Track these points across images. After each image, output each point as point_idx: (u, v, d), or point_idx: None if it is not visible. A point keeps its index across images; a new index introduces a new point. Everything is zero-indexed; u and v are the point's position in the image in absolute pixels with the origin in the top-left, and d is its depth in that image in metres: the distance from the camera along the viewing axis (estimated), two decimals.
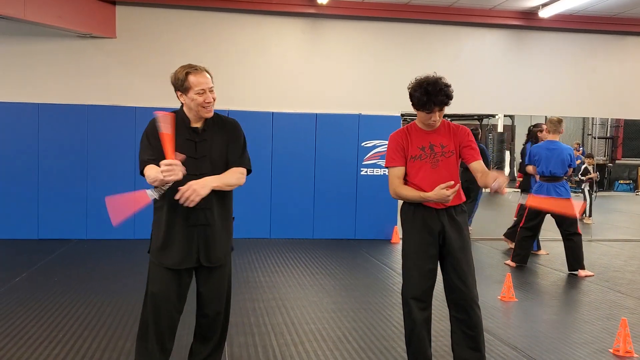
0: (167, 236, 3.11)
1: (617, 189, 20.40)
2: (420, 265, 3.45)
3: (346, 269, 6.83)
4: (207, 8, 8.62)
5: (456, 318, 3.49)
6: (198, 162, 3.12)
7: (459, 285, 3.44)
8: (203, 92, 3.08)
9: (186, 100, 3.12)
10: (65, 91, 8.37)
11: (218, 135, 3.22)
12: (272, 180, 8.79)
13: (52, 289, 5.63)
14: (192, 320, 3.38)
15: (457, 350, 3.51)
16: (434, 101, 3.35)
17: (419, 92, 3.37)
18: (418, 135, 3.52)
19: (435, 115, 3.41)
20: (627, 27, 9.47)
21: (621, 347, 4.17)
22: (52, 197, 8.26)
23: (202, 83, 3.09)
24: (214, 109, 3.22)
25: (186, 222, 3.10)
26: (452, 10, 8.91)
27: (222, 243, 3.23)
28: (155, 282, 3.14)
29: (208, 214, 3.14)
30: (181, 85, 3.09)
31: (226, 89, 8.62)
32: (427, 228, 3.45)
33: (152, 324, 3.15)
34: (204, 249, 3.15)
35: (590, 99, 9.73)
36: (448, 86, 3.40)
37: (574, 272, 6.80)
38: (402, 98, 9.00)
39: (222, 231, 3.22)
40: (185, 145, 3.10)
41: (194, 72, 3.09)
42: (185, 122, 3.16)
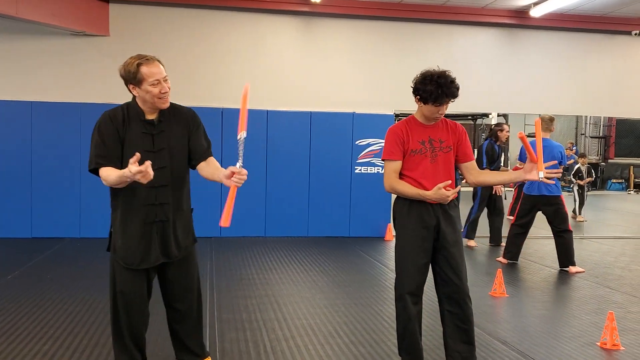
0: (124, 235, 3.07)
1: (609, 188, 20.51)
2: (416, 259, 3.46)
3: (339, 266, 6.86)
4: (201, 6, 8.63)
5: (449, 312, 3.49)
6: (156, 155, 3.00)
7: (453, 279, 3.45)
8: (157, 83, 2.99)
9: (140, 92, 3.01)
10: (58, 89, 8.37)
11: (175, 125, 3.13)
12: (267, 178, 8.81)
13: (44, 286, 5.64)
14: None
15: (450, 344, 3.51)
16: (446, 93, 3.32)
17: (430, 85, 3.33)
18: (418, 129, 3.49)
19: (444, 108, 3.40)
20: (617, 26, 9.54)
21: (608, 340, 4.22)
22: (45, 196, 8.26)
23: (156, 73, 2.98)
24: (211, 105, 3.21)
25: (143, 220, 3.05)
26: (444, 8, 8.96)
27: (181, 237, 3.19)
28: (121, 281, 3.10)
29: (165, 209, 3.09)
30: (133, 77, 2.98)
31: (220, 87, 8.67)
32: (422, 222, 3.45)
33: (125, 322, 3.14)
34: (162, 245, 3.11)
35: (582, 97, 9.80)
36: (454, 78, 3.40)
37: (565, 269, 6.85)
38: (395, 97, 9.19)
39: (180, 225, 3.18)
40: (141, 138, 3.03)
41: (146, 63, 2.98)
42: (139, 115, 3.07)
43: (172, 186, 3.11)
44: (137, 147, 2.95)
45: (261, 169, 8.76)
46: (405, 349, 3.54)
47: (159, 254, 3.12)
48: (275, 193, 8.85)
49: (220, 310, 4.97)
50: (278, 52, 8.92)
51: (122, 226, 3.08)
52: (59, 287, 5.62)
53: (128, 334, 3.17)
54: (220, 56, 8.74)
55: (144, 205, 3.04)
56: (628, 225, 11.63)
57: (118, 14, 8.48)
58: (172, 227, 3.14)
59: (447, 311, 3.51)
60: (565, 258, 6.85)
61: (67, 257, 7.09)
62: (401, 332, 3.54)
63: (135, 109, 3.09)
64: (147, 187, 2.96)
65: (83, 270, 6.39)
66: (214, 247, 7.78)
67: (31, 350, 3.92)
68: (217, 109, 8.31)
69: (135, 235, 3.06)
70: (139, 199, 3.03)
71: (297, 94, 8.96)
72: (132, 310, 3.14)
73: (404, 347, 3.55)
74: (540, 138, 3.29)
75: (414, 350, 3.52)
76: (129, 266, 3.09)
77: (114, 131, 3.01)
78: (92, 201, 8.24)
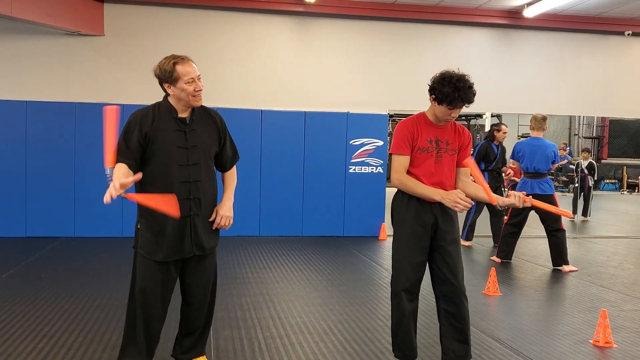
0: (157, 228, 3.10)
1: (603, 188, 20.60)
2: (413, 257, 3.46)
3: (333, 265, 6.88)
4: (196, 6, 8.64)
5: (445, 311, 3.50)
6: (189, 152, 3.13)
7: (449, 277, 3.46)
8: (192, 81, 3.10)
9: (175, 91, 3.10)
10: (53, 89, 8.36)
11: (206, 125, 3.25)
12: (261, 178, 8.82)
13: (38, 285, 5.64)
14: (175, 314, 3.41)
15: (446, 343, 3.53)
16: (462, 97, 3.33)
17: (447, 87, 3.32)
18: (428, 127, 3.49)
19: (456, 111, 3.40)
20: (611, 27, 9.60)
21: (601, 337, 4.25)
22: (39, 195, 8.25)
23: (191, 72, 3.10)
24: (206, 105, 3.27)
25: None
26: (438, 9, 8.99)
27: (212, 231, 3.27)
28: (144, 277, 3.13)
29: (198, 204, 3.16)
30: (169, 76, 3.07)
31: (215, 87, 8.68)
32: (420, 220, 3.45)
33: (141, 320, 3.16)
34: (196, 238, 3.17)
35: (575, 97, 9.86)
36: (472, 84, 3.39)
37: (558, 268, 6.89)
38: (389, 97, 9.22)
39: (209, 220, 3.26)
40: (174, 136, 3.11)
41: (181, 62, 3.09)
42: (172, 113, 3.16)
43: (204, 182, 3.18)
44: (170, 143, 3.08)
45: (255, 168, 8.77)
46: (398, 346, 3.56)
47: (191, 246, 3.17)
48: (270, 193, 8.86)
49: (215, 308, 4.95)
50: (273, 52, 8.94)
51: (153, 221, 3.10)
52: (54, 285, 5.62)
53: (142, 332, 3.18)
54: (214, 56, 8.75)
55: (180, 200, 3.06)
56: (621, 225, 11.70)
57: (113, 13, 8.48)
58: (204, 221, 3.21)
59: (443, 310, 3.52)
60: (559, 257, 6.89)
61: (62, 256, 7.09)
62: (395, 329, 3.56)
63: (167, 107, 3.17)
64: (183, 182, 3.09)
65: (78, 269, 6.38)
66: None
67: (26, 348, 3.92)
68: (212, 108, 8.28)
69: (170, 229, 3.10)
70: (174, 194, 3.05)
71: (292, 94, 8.98)
72: (148, 308, 3.15)
73: (397, 344, 3.57)
74: (478, 178, 3.34)
75: (408, 348, 3.54)
76: (160, 260, 3.10)
77: (139, 131, 3.06)
78: (86, 201, 8.24)
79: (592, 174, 11.89)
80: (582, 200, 11.86)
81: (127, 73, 8.49)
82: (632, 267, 7.21)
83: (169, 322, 3.48)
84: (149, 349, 3.23)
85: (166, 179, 3.06)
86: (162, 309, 3.23)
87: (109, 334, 4.21)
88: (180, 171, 3.09)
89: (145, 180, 3.09)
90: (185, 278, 3.29)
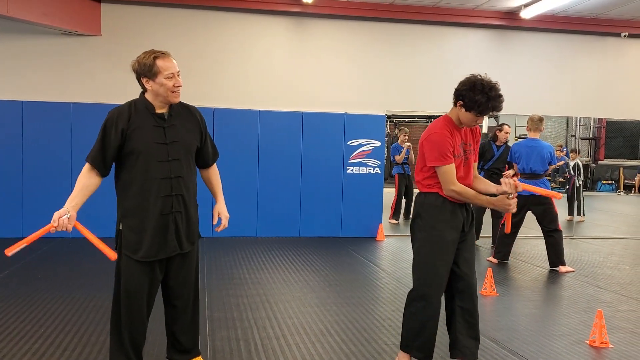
0: (140, 227, 3.08)
1: (599, 189, 20.64)
2: (446, 261, 3.43)
3: (331, 266, 6.88)
4: (193, 6, 8.64)
5: (461, 307, 3.49)
6: (169, 148, 3.11)
7: (468, 273, 3.48)
8: (172, 76, 3.07)
9: (154, 86, 3.08)
10: (49, 89, 8.35)
11: (186, 120, 3.23)
12: (259, 178, 8.81)
13: (34, 285, 5.62)
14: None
15: (461, 339, 3.50)
16: (494, 106, 3.31)
17: (479, 95, 3.27)
18: (457, 132, 3.46)
19: (482, 119, 3.40)
20: (607, 28, 9.61)
21: (597, 338, 4.25)
22: (36, 196, 8.22)
23: (171, 67, 3.08)
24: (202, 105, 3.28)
25: (160, 211, 3.09)
26: (435, 10, 9.00)
27: (193, 229, 3.27)
28: (128, 279, 3.11)
29: (180, 200, 3.15)
30: (149, 70, 3.05)
31: (212, 87, 8.68)
32: (454, 224, 3.43)
33: (126, 322, 3.14)
34: (179, 235, 3.16)
35: (572, 98, 9.87)
36: (501, 93, 3.37)
37: (555, 268, 6.90)
38: (387, 97, 9.23)
39: (192, 217, 3.25)
40: (153, 132, 3.09)
41: (162, 57, 3.08)
42: (149, 109, 3.13)
43: (185, 178, 3.17)
44: (148, 139, 3.06)
45: (253, 169, 8.76)
46: (420, 347, 3.50)
47: (175, 245, 3.16)
48: (267, 193, 8.85)
49: (212, 309, 4.97)
50: (270, 52, 8.94)
51: (135, 220, 3.09)
52: (49, 286, 5.61)
53: (128, 334, 3.16)
54: (212, 56, 8.74)
55: (161, 197, 3.08)
56: (617, 226, 11.72)
57: (110, 13, 8.47)
58: (186, 219, 3.20)
59: (458, 307, 3.50)
60: (555, 257, 6.89)
61: (58, 256, 7.07)
62: (419, 330, 3.48)
63: (144, 103, 3.14)
64: (165, 179, 3.08)
65: (73, 270, 6.37)
66: (206, 247, 7.77)
67: (21, 349, 3.91)
68: (209, 109, 8.31)
69: (152, 227, 3.09)
70: (155, 191, 3.08)
71: (289, 94, 8.97)
72: (133, 309, 3.14)
73: (418, 345, 3.50)
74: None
75: (430, 349, 3.50)
76: (144, 259, 3.09)
77: (115, 129, 3.05)
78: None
79: (579, 174, 11.88)
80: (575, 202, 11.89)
81: (124, 73, 8.37)
82: (628, 268, 7.22)
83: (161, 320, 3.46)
84: (136, 351, 3.22)
85: (146, 176, 3.04)
86: (147, 310, 3.21)
87: (105, 335, 4.20)
88: (160, 167, 3.07)
89: (126, 178, 3.09)
90: (169, 279, 3.26)
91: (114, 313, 3.19)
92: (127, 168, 3.09)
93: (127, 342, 3.17)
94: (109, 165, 3.10)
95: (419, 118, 18.78)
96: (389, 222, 10.53)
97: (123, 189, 3.12)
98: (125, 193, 3.11)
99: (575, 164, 11.97)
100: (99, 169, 3.07)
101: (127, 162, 3.09)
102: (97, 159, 3.05)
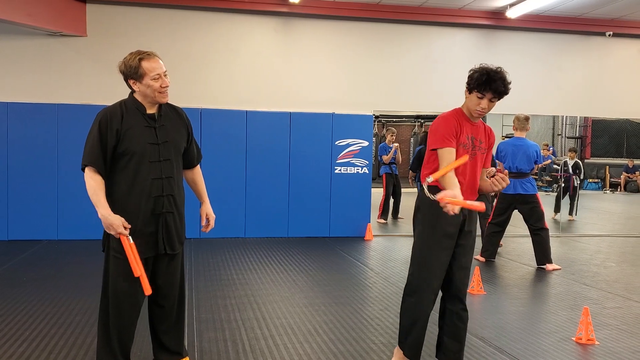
0: (130, 227, 3.06)
1: (586, 187, 20.81)
2: (443, 258, 3.40)
3: (319, 266, 6.87)
4: (179, 6, 8.60)
5: (451, 311, 3.49)
6: (160, 148, 3.12)
7: (461, 278, 3.46)
8: (159, 77, 3.07)
9: (141, 87, 3.08)
10: (35, 90, 8.27)
11: (174, 121, 3.24)
12: (247, 179, 8.79)
13: (20, 288, 5.57)
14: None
15: (447, 342, 3.50)
16: (491, 85, 3.26)
17: (479, 72, 3.29)
18: (466, 123, 3.42)
19: (485, 102, 3.31)
20: (592, 27, 9.69)
21: (583, 335, 4.29)
22: (22, 198, 8.15)
23: (157, 68, 3.08)
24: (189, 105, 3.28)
25: (151, 211, 3.10)
26: (422, 9, 9.02)
27: (182, 229, 3.28)
28: (117, 279, 3.09)
29: (172, 200, 3.16)
30: (135, 72, 3.05)
31: (199, 88, 8.64)
32: (454, 220, 3.37)
33: (115, 323, 3.13)
34: (167, 236, 3.16)
35: (558, 97, 9.95)
36: (508, 81, 3.33)
37: (541, 266, 6.94)
38: (374, 97, 9.24)
39: (181, 218, 3.27)
40: (145, 132, 3.09)
41: (147, 58, 3.08)
42: (139, 109, 3.13)
43: (176, 178, 3.18)
44: (141, 140, 3.06)
45: (241, 169, 8.74)
46: (411, 345, 3.49)
47: (164, 244, 3.16)
48: (255, 194, 8.83)
49: (199, 310, 4.96)
50: (257, 52, 8.92)
51: (127, 217, 3.05)
52: (35, 289, 5.56)
53: (116, 335, 3.15)
54: (199, 57, 8.71)
55: (153, 197, 3.08)
56: (603, 224, 11.82)
57: (95, 14, 8.41)
58: (176, 219, 3.21)
59: (449, 310, 3.50)
60: (542, 256, 6.94)
61: (44, 259, 7.01)
62: (409, 327, 3.48)
63: (134, 103, 3.14)
64: (156, 179, 3.09)
65: (60, 273, 6.31)
66: (193, 248, 7.74)
67: (6, 352, 3.86)
68: (196, 109, 8.28)
69: (143, 227, 3.08)
70: (147, 191, 3.07)
71: (277, 95, 8.96)
72: (122, 308, 3.12)
73: (409, 343, 3.49)
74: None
75: (419, 347, 3.49)
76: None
77: (111, 129, 3.04)
78: (69, 203, 8.16)
79: (578, 173, 11.95)
80: (567, 199, 11.94)
81: (110, 74, 8.36)
82: (614, 265, 7.29)
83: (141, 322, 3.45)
84: (124, 352, 3.20)
85: (138, 176, 3.05)
86: (136, 311, 3.20)
87: (91, 338, 4.17)
88: (152, 167, 3.08)
89: (117, 179, 3.08)
90: (157, 279, 3.24)
91: (101, 314, 3.17)
92: (118, 168, 3.08)
93: (115, 343, 3.15)
94: (108, 166, 3.07)
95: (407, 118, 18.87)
96: (377, 222, 10.54)
97: (113, 189, 3.11)
98: (115, 193, 3.10)
99: (575, 163, 12.04)
100: (100, 170, 3.03)
101: (119, 162, 3.08)
102: (98, 161, 3.02)
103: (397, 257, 7.53)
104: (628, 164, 20.50)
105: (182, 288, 3.40)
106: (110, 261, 3.12)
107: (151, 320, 3.37)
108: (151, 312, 3.36)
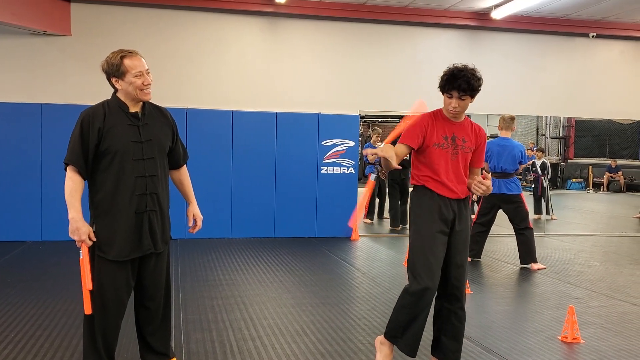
0: (114, 226, 3.06)
1: (569, 187, 21.04)
2: (437, 254, 3.40)
3: (306, 266, 6.87)
4: (164, 6, 8.55)
5: (449, 310, 3.49)
6: (144, 146, 3.11)
7: (457, 276, 3.46)
8: (141, 75, 3.07)
9: (123, 85, 3.08)
10: (18, 90, 8.19)
11: (158, 120, 3.23)
12: (233, 179, 8.76)
13: (3, 290, 5.50)
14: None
15: (445, 341, 3.51)
16: (453, 83, 3.32)
17: (445, 72, 3.38)
18: (444, 123, 3.46)
19: (454, 101, 3.36)
20: (576, 29, 9.80)
21: (569, 334, 4.33)
22: (6, 199, 8.05)
23: (138, 65, 3.08)
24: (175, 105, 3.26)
25: (134, 210, 3.08)
26: (408, 10, 9.06)
27: (167, 228, 3.27)
28: (102, 280, 3.07)
29: (155, 199, 3.14)
30: (117, 70, 3.06)
31: (185, 88, 8.60)
32: (442, 216, 3.41)
33: (100, 325, 3.11)
34: (153, 234, 3.15)
35: (542, 98, 10.04)
36: (476, 77, 3.34)
37: (526, 266, 7.00)
38: (360, 97, 9.27)
39: (165, 217, 3.25)
40: (128, 130, 3.09)
41: (129, 56, 3.09)
42: (122, 108, 3.12)
43: (160, 177, 3.16)
44: (124, 138, 3.05)
45: (227, 170, 8.71)
46: (407, 342, 3.48)
47: (150, 244, 3.14)
48: (241, 194, 8.81)
49: (186, 311, 4.94)
50: (243, 52, 8.90)
51: (109, 219, 3.06)
52: (20, 290, 5.50)
53: (101, 336, 3.13)
54: (184, 57, 8.67)
55: (136, 195, 3.06)
56: (587, 223, 11.95)
57: (80, 13, 8.34)
58: (161, 218, 3.19)
59: (447, 309, 3.51)
60: (527, 255, 6.99)
61: (29, 260, 6.94)
62: (407, 324, 3.46)
63: (117, 102, 3.13)
64: (139, 177, 3.07)
65: (44, 273, 6.25)
66: (179, 249, 7.70)
67: None
68: (182, 109, 8.24)
69: (126, 226, 3.07)
70: (130, 190, 3.06)
71: (263, 95, 8.95)
72: (107, 309, 3.10)
73: (406, 340, 3.48)
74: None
75: (416, 344, 3.49)
76: (118, 259, 3.06)
77: (92, 128, 3.03)
78: (54, 203, 8.07)
79: (546, 173, 12.07)
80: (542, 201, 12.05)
81: (95, 74, 8.23)
82: (598, 265, 7.37)
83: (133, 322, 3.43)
84: (109, 353, 3.19)
85: (121, 175, 3.04)
86: (120, 311, 3.18)
87: (77, 339, 4.13)
88: (135, 166, 3.07)
89: (100, 177, 3.07)
90: (143, 280, 3.23)
91: (87, 317, 3.14)
92: (101, 167, 3.07)
93: (100, 344, 3.13)
94: (89, 166, 3.06)
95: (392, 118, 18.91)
96: (363, 221, 10.57)
97: (97, 188, 3.09)
98: (99, 192, 3.08)
99: (542, 162, 12.15)
100: (81, 170, 3.03)
101: (102, 161, 3.06)
102: (79, 160, 3.01)
103: (383, 257, 7.54)
104: (611, 164, 20.75)
105: (169, 289, 3.39)
106: (94, 262, 3.09)
107: (137, 322, 3.36)
108: (137, 313, 3.34)
